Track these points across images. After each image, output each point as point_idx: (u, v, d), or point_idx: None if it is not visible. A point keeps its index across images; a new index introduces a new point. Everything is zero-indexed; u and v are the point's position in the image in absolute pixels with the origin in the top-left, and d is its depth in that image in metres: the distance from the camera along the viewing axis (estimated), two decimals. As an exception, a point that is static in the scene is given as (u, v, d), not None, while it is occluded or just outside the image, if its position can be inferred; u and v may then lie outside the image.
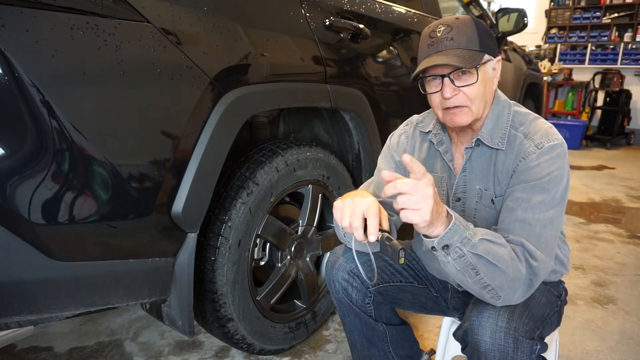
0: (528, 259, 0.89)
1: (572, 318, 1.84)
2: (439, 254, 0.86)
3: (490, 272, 0.86)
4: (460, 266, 0.86)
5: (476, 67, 0.95)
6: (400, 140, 1.20)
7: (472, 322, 0.92)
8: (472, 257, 0.85)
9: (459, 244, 0.84)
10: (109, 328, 1.76)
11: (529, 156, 0.96)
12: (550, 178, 0.93)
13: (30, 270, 0.93)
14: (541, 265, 0.90)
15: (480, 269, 0.86)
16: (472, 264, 0.85)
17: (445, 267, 0.89)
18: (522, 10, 2.87)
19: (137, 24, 1.00)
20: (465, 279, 0.88)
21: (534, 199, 0.93)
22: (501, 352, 0.87)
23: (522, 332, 0.88)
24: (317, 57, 1.46)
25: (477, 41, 0.96)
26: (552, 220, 0.93)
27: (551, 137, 0.97)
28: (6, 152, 0.85)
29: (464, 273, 0.87)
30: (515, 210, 0.94)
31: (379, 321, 1.21)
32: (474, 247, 0.85)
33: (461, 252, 0.84)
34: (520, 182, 0.96)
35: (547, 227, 0.92)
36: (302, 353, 1.62)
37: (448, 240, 0.84)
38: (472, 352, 0.92)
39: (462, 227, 0.84)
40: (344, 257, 1.16)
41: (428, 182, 0.79)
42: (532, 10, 7.30)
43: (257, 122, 1.60)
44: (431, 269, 1.22)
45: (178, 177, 1.11)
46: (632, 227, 3.03)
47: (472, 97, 0.97)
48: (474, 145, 1.04)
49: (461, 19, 0.99)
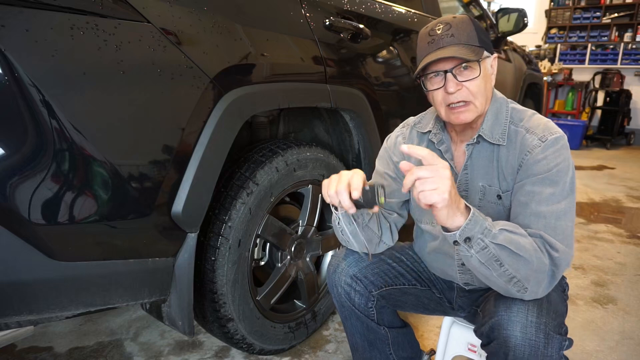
0: (549, 250, 0.89)
1: (572, 318, 1.84)
2: (462, 248, 0.87)
3: (514, 262, 0.86)
4: (484, 259, 0.86)
5: (478, 61, 0.96)
6: (397, 141, 1.20)
7: (500, 317, 0.90)
8: (494, 247, 0.85)
9: (480, 235, 0.84)
10: (109, 328, 1.76)
11: (534, 149, 0.97)
12: (558, 170, 0.94)
13: (31, 270, 0.93)
14: (562, 256, 0.90)
15: (504, 259, 0.86)
16: (496, 255, 0.85)
17: (469, 262, 0.90)
18: (522, 10, 2.87)
19: (137, 24, 1.00)
20: (490, 273, 0.88)
21: (545, 192, 0.93)
22: (532, 347, 0.86)
23: (552, 327, 0.88)
24: (317, 57, 1.46)
25: (476, 37, 0.97)
26: (565, 211, 0.93)
27: (552, 130, 0.98)
28: (6, 152, 0.85)
29: (489, 266, 0.87)
30: (528, 205, 0.95)
31: (381, 325, 1.20)
32: (494, 237, 0.85)
33: (483, 243, 0.85)
34: (528, 176, 0.97)
35: (561, 219, 0.92)
36: (302, 353, 1.62)
37: (469, 232, 0.84)
38: (499, 347, 0.90)
39: (481, 218, 0.85)
40: (346, 262, 1.16)
41: (444, 166, 0.82)
42: (532, 10, 7.30)
43: (257, 122, 1.60)
44: (434, 269, 1.22)
45: (178, 177, 1.11)
46: (632, 227, 3.03)
47: (474, 92, 0.98)
48: (475, 142, 1.05)
49: (459, 17, 1.00)
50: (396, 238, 1.21)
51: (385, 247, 1.19)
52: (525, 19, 2.85)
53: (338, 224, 1.08)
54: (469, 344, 1.25)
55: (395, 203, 1.18)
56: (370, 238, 1.12)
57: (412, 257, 1.24)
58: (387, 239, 1.17)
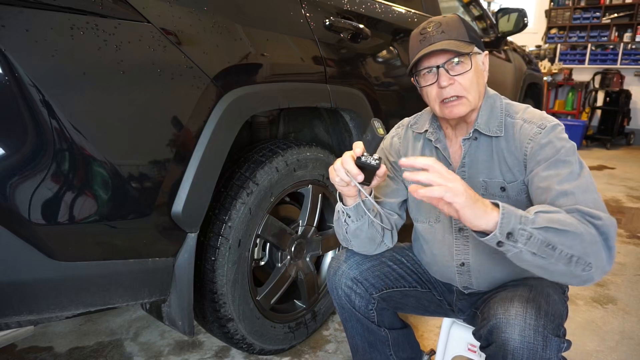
0: (590, 220, 0.85)
1: (572, 318, 1.84)
2: (507, 246, 0.83)
3: (565, 240, 0.82)
4: (534, 249, 0.82)
5: (469, 55, 0.98)
6: (393, 142, 1.21)
7: (498, 319, 0.89)
8: (539, 233, 0.81)
9: (519, 225, 0.81)
10: (109, 328, 1.76)
11: (536, 136, 0.97)
12: (565, 150, 0.94)
13: (31, 270, 0.93)
14: (607, 222, 0.85)
15: (554, 241, 0.81)
16: (544, 240, 0.81)
17: (520, 259, 0.85)
18: (522, 10, 2.87)
19: (137, 24, 1.00)
20: (547, 261, 0.83)
21: (562, 172, 0.92)
22: (530, 350, 0.85)
23: (550, 330, 0.87)
24: (317, 57, 1.46)
25: (466, 34, 1.00)
26: (587, 185, 0.91)
27: (549, 119, 1.00)
28: (6, 152, 0.85)
29: (543, 255, 0.82)
30: (550, 188, 0.92)
31: (382, 326, 1.20)
32: (534, 223, 0.82)
33: (527, 232, 0.81)
34: (539, 162, 0.96)
35: (587, 192, 0.90)
36: (302, 353, 1.62)
37: (508, 227, 0.81)
38: (498, 350, 0.89)
39: (512, 208, 0.83)
40: (347, 264, 1.16)
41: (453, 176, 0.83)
42: (532, 10, 7.29)
43: (257, 122, 1.60)
44: (434, 272, 1.22)
45: (178, 177, 1.10)
46: (632, 227, 3.03)
47: (467, 86, 0.99)
48: (472, 137, 1.05)
49: (449, 16, 1.03)
50: (396, 239, 1.21)
51: (385, 247, 1.19)
52: (525, 19, 2.85)
53: (344, 222, 1.08)
54: (469, 344, 1.25)
55: (395, 203, 1.18)
56: (374, 237, 1.12)
57: (412, 259, 1.24)
58: (388, 240, 1.17)
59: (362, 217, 1.06)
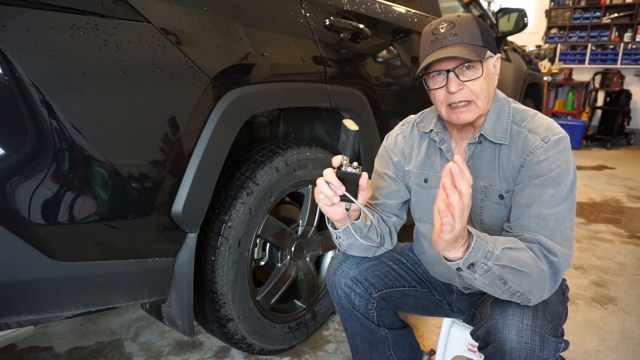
0: (547, 255, 0.89)
1: (572, 318, 1.84)
2: (465, 273, 0.86)
3: (517, 279, 0.86)
4: (488, 280, 0.86)
5: (481, 61, 0.95)
6: (397, 140, 1.19)
7: (495, 320, 0.90)
8: (498, 269, 0.85)
9: (483, 259, 0.84)
10: (109, 328, 1.76)
11: (537, 150, 0.96)
12: (559, 171, 0.94)
13: (31, 270, 0.93)
14: (561, 260, 0.89)
15: (507, 278, 0.85)
16: (499, 275, 0.85)
17: (472, 283, 0.89)
18: (522, 10, 2.87)
19: (137, 23, 1.00)
20: (494, 290, 0.88)
21: (546, 193, 0.93)
22: (528, 351, 0.86)
23: (548, 330, 0.88)
24: (317, 57, 1.46)
25: (480, 37, 0.96)
26: (565, 213, 0.92)
27: (555, 131, 0.97)
28: (6, 152, 0.85)
29: (492, 285, 0.87)
30: (529, 207, 0.94)
31: (381, 326, 1.20)
32: (498, 259, 0.84)
33: (487, 266, 0.84)
34: (530, 177, 0.96)
35: (561, 221, 0.92)
36: (302, 353, 1.62)
37: (473, 259, 0.83)
38: (495, 351, 0.90)
39: (483, 242, 0.84)
40: (347, 264, 1.16)
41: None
42: (532, 10, 7.29)
43: (257, 122, 1.60)
44: (434, 272, 1.21)
45: (178, 177, 1.10)
46: (632, 227, 3.03)
47: (476, 92, 0.97)
48: (477, 142, 1.04)
49: (463, 16, 0.99)
50: (395, 241, 1.21)
51: (384, 250, 1.19)
52: (525, 19, 2.85)
53: (336, 238, 1.08)
54: (469, 344, 1.25)
55: (395, 204, 1.17)
56: (369, 248, 1.12)
57: (412, 259, 1.24)
58: (387, 243, 1.17)
59: (352, 236, 1.04)
